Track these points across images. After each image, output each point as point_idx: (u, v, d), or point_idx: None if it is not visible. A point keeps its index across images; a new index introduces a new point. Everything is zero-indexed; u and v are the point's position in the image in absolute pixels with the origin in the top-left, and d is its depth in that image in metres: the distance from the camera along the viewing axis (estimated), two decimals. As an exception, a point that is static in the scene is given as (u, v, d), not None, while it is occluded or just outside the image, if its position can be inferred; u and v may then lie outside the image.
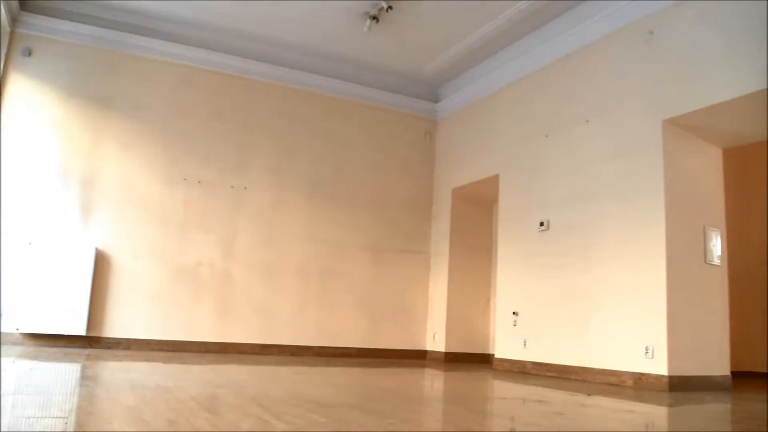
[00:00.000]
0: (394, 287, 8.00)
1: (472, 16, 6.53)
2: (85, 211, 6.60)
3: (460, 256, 7.98)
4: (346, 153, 7.98)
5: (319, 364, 6.18)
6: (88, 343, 6.38)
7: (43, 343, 6.18)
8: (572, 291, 5.90)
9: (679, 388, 4.86)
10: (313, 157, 7.77)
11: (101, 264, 6.54)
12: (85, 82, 6.79)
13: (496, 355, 6.85)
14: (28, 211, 6.37)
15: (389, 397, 3.68)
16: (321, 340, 7.45)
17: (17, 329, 6.08)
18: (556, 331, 6.01)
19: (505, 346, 6.72)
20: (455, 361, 7.64)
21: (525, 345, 6.39)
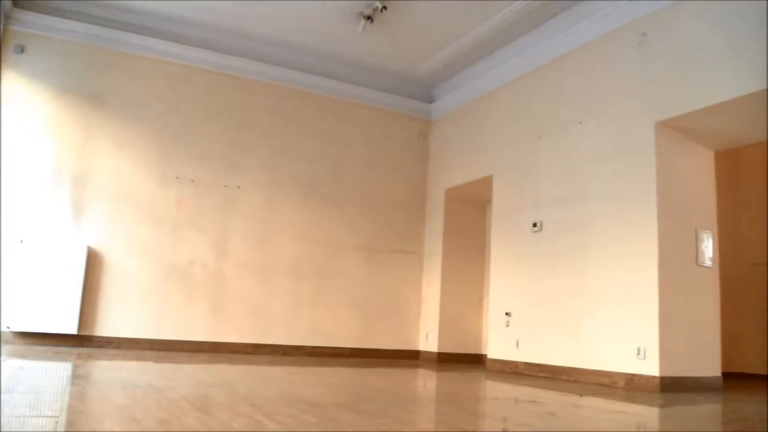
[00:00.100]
0: (387, 287, 8.00)
1: (467, 17, 6.54)
2: (78, 210, 6.57)
3: (454, 257, 7.99)
4: (340, 153, 7.97)
5: (311, 363, 6.17)
6: (80, 342, 6.35)
7: (34, 342, 6.15)
8: (565, 292, 5.91)
9: (671, 388, 4.88)
10: (307, 157, 7.76)
11: (93, 263, 6.51)
12: (78, 80, 6.75)
13: (489, 356, 6.86)
14: (20, 209, 6.33)
15: (381, 397, 3.68)
16: (314, 340, 7.44)
17: (8, 327, 6.04)
18: (549, 332, 6.03)
19: (497, 347, 6.73)
20: (448, 361, 7.64)
21: (517, 345, 6.40)
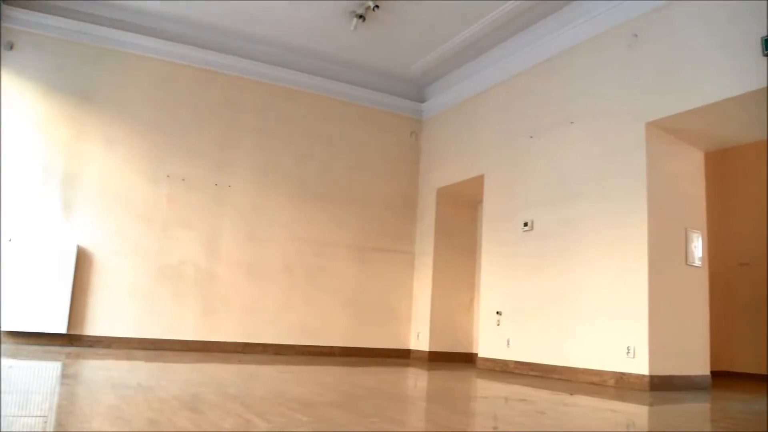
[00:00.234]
0: (378, 286, 8.01)
1: (459, 17, 6.55)
2: (67, 208, 6.53)
3: (445, 256, 8.00)
4: (332, 152, 7.96)
5: (302, 362, 6.16)
6: (69, 341, 6.31)
7: (23, 341, 6.10)
8: (555, 291, 5.94)
9: (660, 387, 4.91)
10: (298, 156, 7.74)
11: (83, 261, 6.47)
12: (67, 77, 6.70)
13: (480, 355, 6.88)
14: (9, 208, 6.28)
15: (372, 396, 3.69)
16: (305, 339, 7.43)
17: (-4, 327, 6.00)
18: (539, 331, 6.05)
19: (488, 346, 6.75)
20: (439, 360, 7.66)
21: (508, 344, 6.42)
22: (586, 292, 5.59)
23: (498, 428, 2.78)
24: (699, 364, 5.40)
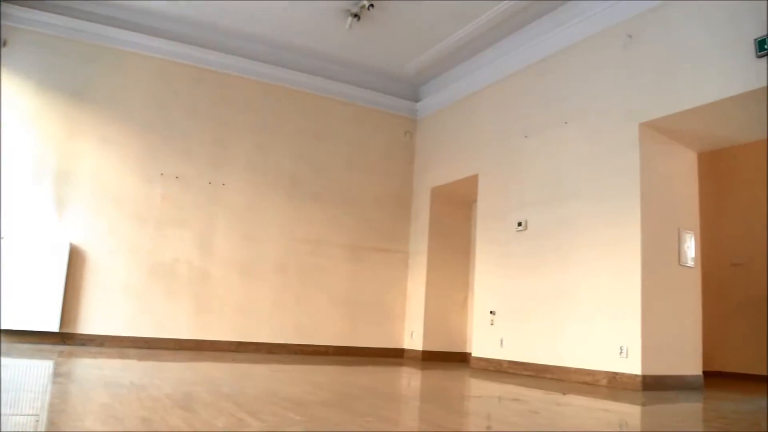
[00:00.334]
0: (372, 285, 8.00)
1: (454, 16, 6.55)
2: (60, 206, 6.50)
3: (439, 255, 8.01)
4: (326, 151, 7.95)
5: (296, 362, 6.16)
6: (61, 340, 6.28)
7: (15, 340, 6.07)
8: (549, 291, 5.95)
9: (653, 387, 4.93)
10: (293, 155, 7.73)
11: (76, 259, 6.44)
12: (60, 75, 6.67)
13: (473, 354, 6.88)
14: (1, 205, 6.25)
15: (366, 396, 3.68)
16: (298, 338, 7.42)
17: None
18: (533, 331, 6.06)
19: (482, 345, 6.76)
20: (432, 359, 7.66)
21: (502, 344, 6.43)
22: (580, 291, 5.60)
23: (491, 428, 2.78)
24: (691, 364, 5.42)
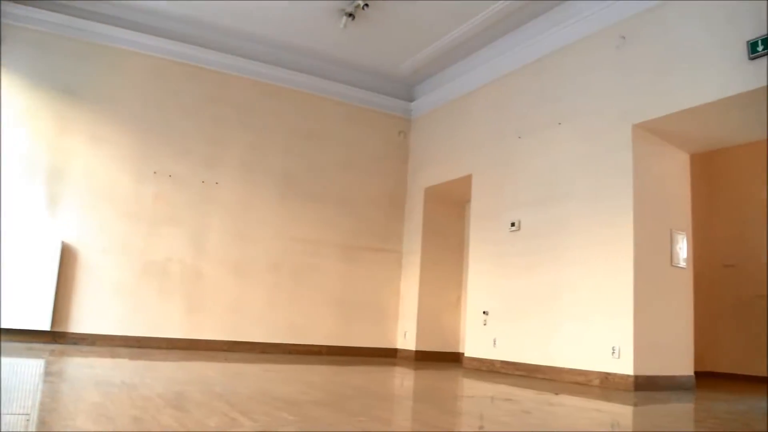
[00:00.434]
0: (365, 285, 8.00)
1: (449, 16, 6.55)
2: (52, 204, 6.46)
3: (432, 255, 8.01)
4: (320, 150, 7.94)
5: (289, 361, 6.15)
6: (53, 339, 6.25)
7: (6, 338, 6.03)
8: (541, 291, 5.96)
9: (645, 387, 4.95)
10: (286, 154, 7.72)
11: (68, 258, 6.41)
12: (52, 72, 6.63)
13: (466, 354, 6.89)
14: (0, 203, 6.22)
15: (359, 395, 3.68)
16: (291, 338, 7.41)
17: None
18: (525, 331, 6.07)
19: (475, 345, 6.77)
20: (425, 359, 7.66)
21: (494, 344, 6.44)
22: (572, 292, 5.62)
23: (484, 427, 2.79)
24: (683, 365, 5.44)
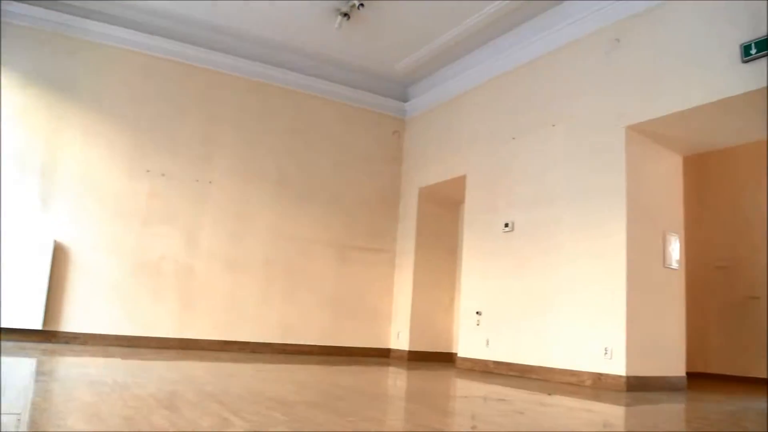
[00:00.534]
0: (358, 285, 8.00)
1: (444, 17, 6.56)
2: (44, 202, 6.43)
3: (426, 256, 8.02)
4: (314, 150, 7.93)
5: (281, 361, 6.14)
6: (45, 338, 6.22)
7: (-3, 337, 6.01)
8: (535, 292, 5.98)
9: (637, 388, 4.97)
10: (280, 153, 7.70)
11: (60, 256, 6.38)
12: (45, 69, 6.60)
13: (459, 354, 6.90)
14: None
15: (351, 395, 3.68)
16: (284, 338, 7.40)
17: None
18: (519, 331, 6.08)
19: (468, 346, 6.77)
20: (418, 359, 7.67)
21: (488, 344, 6.45)
22: (565, 292, 5.63)
23: (476, 428, 2.79)
24: (675, 365, 5.46)
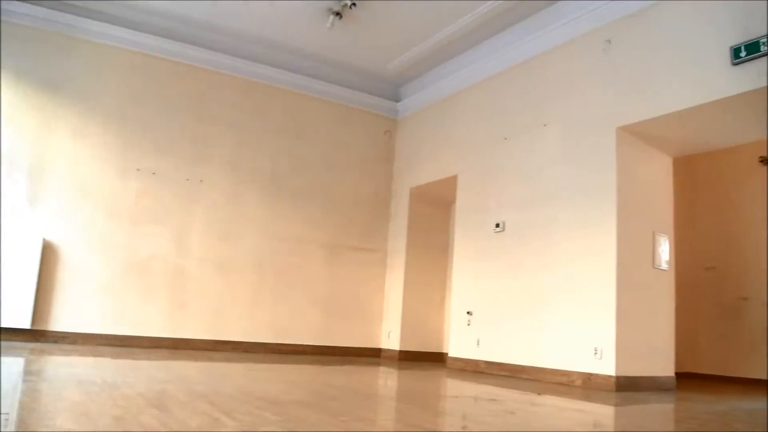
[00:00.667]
0: (350, 285, 7.99)
1: (436, 17, 6.56)
2: (33, 201, 6.38)
3: (417, 256, 8.02)
4: (305, 149, 7.92)
5: (272, 361, 6.12)
6: (33, 337, 6.17)
7: (-15, 336, 5.96)
8: (525, 292, 5.99)
9: (626, 388, 4.99)
10: (271, 152, 7.68)
11: (48, 255, 6.33)
12: (34, 66, 6.55)
13: (450, 354, 6.91)
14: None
15: (342, 395, 3.68)
16: (275, 337, 7.38)
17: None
18: (509, 331, 6.10)
19: (458, 345, 6.78)
20: (409, 359, 7.67)
21: (478, 344, 6.46)
22: (555, 293, 5.65)
23: (467, 427, 2.79)
24: (664, 366, 5.49)
